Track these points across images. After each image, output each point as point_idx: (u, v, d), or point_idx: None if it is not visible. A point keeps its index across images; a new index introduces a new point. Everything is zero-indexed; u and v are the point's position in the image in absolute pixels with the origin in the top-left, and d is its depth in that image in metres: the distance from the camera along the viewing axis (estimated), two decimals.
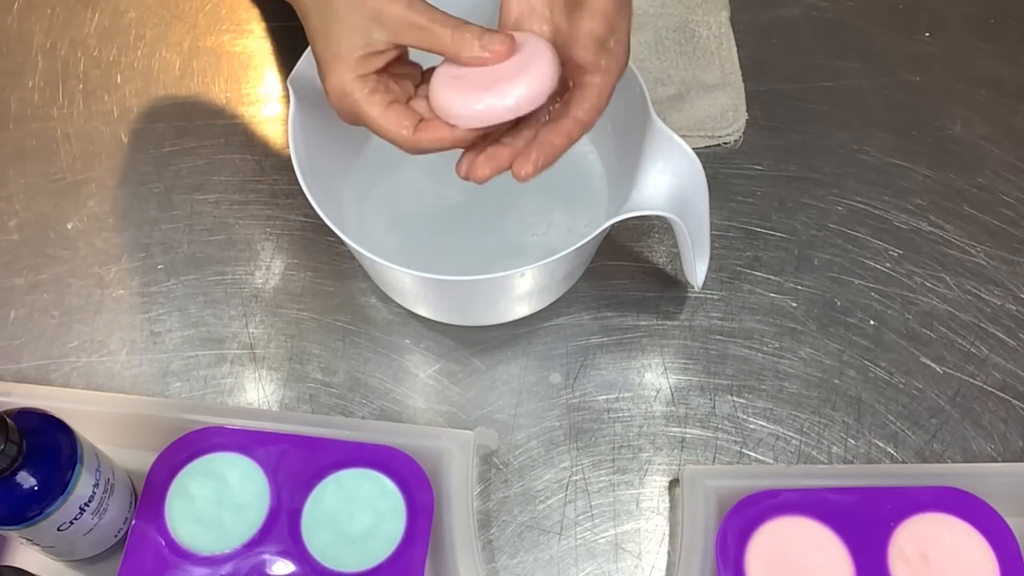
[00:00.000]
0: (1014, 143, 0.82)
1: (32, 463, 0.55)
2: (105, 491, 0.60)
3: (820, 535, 0.63)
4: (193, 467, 0.64)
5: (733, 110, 0.82)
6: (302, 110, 0.65)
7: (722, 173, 0.80)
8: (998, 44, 0.88)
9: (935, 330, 0.74)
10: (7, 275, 0.76)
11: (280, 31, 0.87)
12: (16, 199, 0.79)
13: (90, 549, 0.63)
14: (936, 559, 0.62)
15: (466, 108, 0.56)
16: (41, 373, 0.72)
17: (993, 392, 0.72)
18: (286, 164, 0.78)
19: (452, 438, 0.67)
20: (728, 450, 0.70)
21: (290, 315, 0.74)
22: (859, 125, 0.83)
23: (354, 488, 0.64)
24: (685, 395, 0.72)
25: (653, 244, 0.77)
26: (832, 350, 0.73)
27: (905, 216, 0.79)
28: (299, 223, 0.78)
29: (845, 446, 0.70)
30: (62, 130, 0.82)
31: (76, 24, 0.87)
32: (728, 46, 0.86)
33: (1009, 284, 0.76)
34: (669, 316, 0.74)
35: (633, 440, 0.70)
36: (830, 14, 0.90)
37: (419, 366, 0.73)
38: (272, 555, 0.63)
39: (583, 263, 0.73)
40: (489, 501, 0.68)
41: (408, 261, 0.61)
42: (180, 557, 0.62)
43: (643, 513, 0.68)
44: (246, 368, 0.72)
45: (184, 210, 0.78)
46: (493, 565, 0.66)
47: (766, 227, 0.78)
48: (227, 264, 0.76)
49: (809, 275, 0.76)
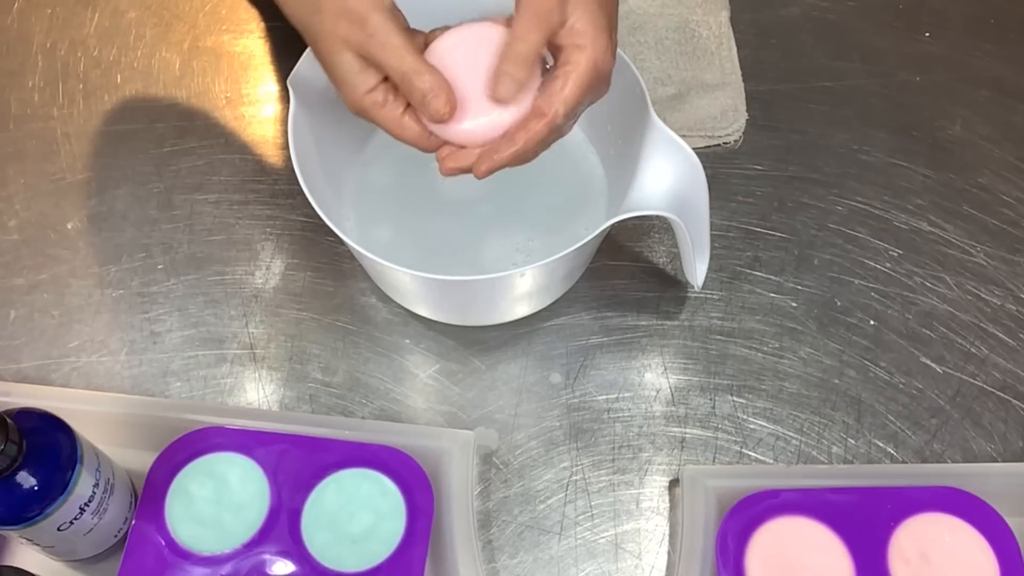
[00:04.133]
0: (1014, 143, 0.82)
1: (32, 463, 0.55)
2: (105, 491, 0.60)
3: (820, 535, 0.63)
4: (193, 467, 0.64)
5: (733, 110, 0.82)
6: (302, 110, 0.65)
7: (722, 173, 0.80)
8: (998, 44, 0.88)
9: (935, 330, 0.74)
10: (7, 275, 0.76)
11: (280, 31, 0.87)
12: (16, 199, 0.79)
13: (90, 549, 0.63)
14: (936, 559, 0.62)
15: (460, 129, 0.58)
16: (41, 373, 0.72)
17: (993, 392, 0.72)
18: (286, 164, 0.79)
19: (452, 438, 0.67)
20: (728, 450, 0.70)
21: (290, 315, 0.74)
22: (859, 125, 0.83)
23: (354, 488, 0.64)
24: (685, 395, 0.72)
25: (653, 244, 0.77)
26: (832, 350, 0.73)
27: (905, 216, 0.79)
28: (299, 223, 0.78)
29: (845, 446, 0.70)
30: (62, 130, 0.82)
31: (76, 24, 0.87)
32: (728, 46, 0.86)
33: (1009, 284, 0.76)
34: (669, 316, 0.74)
35: (633, 440, 0.70)
36: (830, 14, 0.90)
37: (419, 366, 0.73)
38: (272, 555, 0.63)
39: (583, 263, 0.73)
40: (489, 501, 0.68)
41: (408, 261, 0.61)
42: (180, 557, 0.62)
43: (643, 513, 0.68)
44: (246, 368, 0.72)
45: (184, 210, 0.78)
46: (493, 565, 0.66)
47: (766, 227, 0.78)
48: (227, 264, 0.76)
49: (809, 275, 0.76)
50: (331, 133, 0.70)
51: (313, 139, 0.67)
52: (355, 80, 0.57)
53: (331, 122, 0.69)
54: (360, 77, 0.57)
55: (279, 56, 0.86)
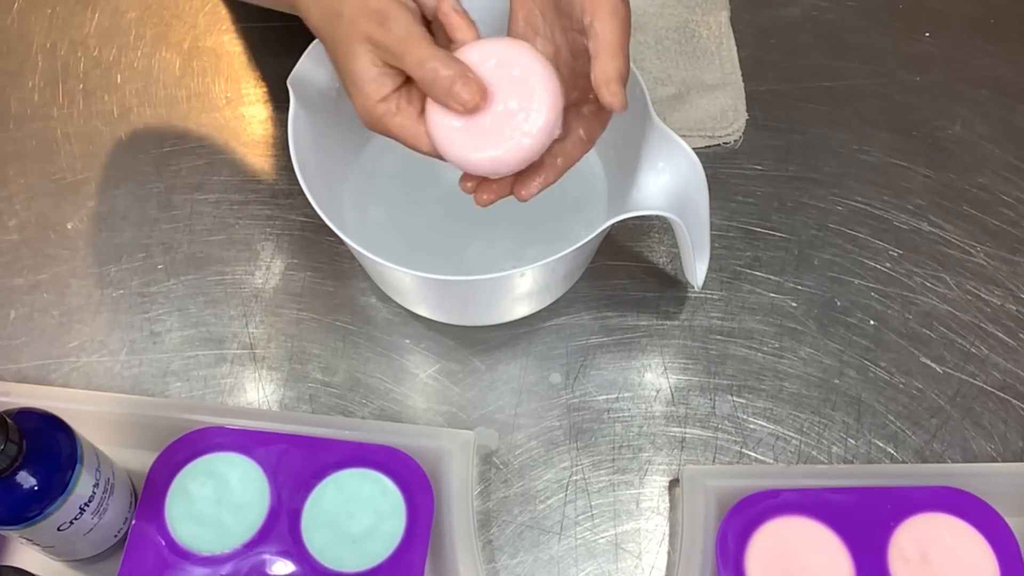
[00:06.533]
0: (1014, 143, 0.82)
1: (32, 463, 0.55)
2: (105, 491, 0.60)
3: (820, 535, 0.63)
4: (193, 467, 0.64)
5: (733, 110, 0.82)
6: (302, 110, 0.65)
7: (722, 173, 0.80)
8: (998, 44, 0.88)
9: (935, 330, 0.74)
10: (7, 275, 0.76)
11: (280, 31, 0.87)
12: (16, 199, 0.79)
13: (90, 549, 0.63)
14: (936, 559, 0.62)
15: (475, 159, 0.55)
16: (41, 373, 0.72)
17: (993, 392, 0.72)
18: (286, 164, 0.79)
19: (452, 438, 0.67)
20: (728, 450, 0.70)
21: (290, 315, 0.74)
22: (859, 125, 0.83)
23: (354, 488, 0.64)
24: (685, 395, 0.72)
25: (653, 244, 0.77)
26: (832, 350, 0.73)
27: (905, 216, 0.79)
28: (299, 223, 0.78)
29: (845, 446, 0.70)
30: (62, 130, 0.82)
31: (76, 24, 0.87)
32: (728, 46, 0.86)
33: (1009, 284, 0.76)
34: (669, 316, 0.74)
35: (633, 440, 0.70)
36: (830, 14, 0.90)
37: (419, 366, 0.73)
38: (272, 555, 0.63)
39: (583, 263, 0.73)
40: (489, 501, 0.68)
41: (408, 261, 0.61)
42: (180, 557, 0.62)
43: (643, 513, 0.68)
44: (246, 368, 0.72)
45: (184, 210, 0.78)
46: (493, 565, 0.66)
47: (766, 227, 0.78)
48: (227, 264, 0.76)
49: (809, 275, 0.76)
50: (331, 133, 0.70)
51: (313, 139, 0.66)
52: (369, 87, 0.55)
53: (331, 122, 0.69)
54: (374, 84, 0.55)
55: (279, 56, 0.86)
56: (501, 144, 0.54)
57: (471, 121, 0.54)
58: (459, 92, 0.53)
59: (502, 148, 0.54)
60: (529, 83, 0.54)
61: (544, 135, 0.54)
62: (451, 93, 0.53)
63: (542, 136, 0.54)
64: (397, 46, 0.54)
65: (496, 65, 0.55)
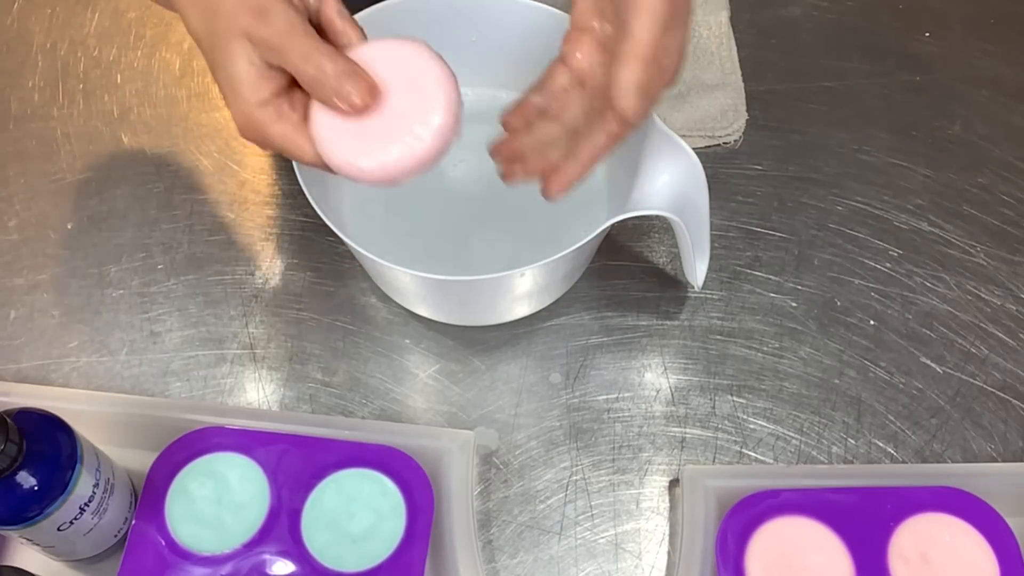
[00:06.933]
0: (1014, 143, 0.82)
1: (32, 463, 0.55)
2: (105, 491, 0.60)
3: (820, 535, 0.63)
4: (193, 467, 0.64)
5: (733, 110, 0.82)
6: None
7: (722, 173, 0.80)
8: (998, 44, 0.88)
9: (935, 330, 0.74)
10: (7, 275, 0.76)
11: None
12: (16, 199, 0.79)
13: (90, 549, 0.63)
14: (936, 559, 0.62)
15: (364, 165, 0.51)
16: (41, 373, 0.72)
17: (993, 392, 0.72)
18: (286, 164, 0.79)
19: (452, 438, 0.67)
20: (728, 450, 0.70)
21: (290, 315, 0.74)
22: (859, 125, 0.83)
23: (354, 488, 0.64)
24: (685, 395, 0.72)
25: (653, 244, 0.77)
26: (832, 350, 0.73)
27: (905, 216, 0.79)
28: (299, 223, 0.78)
29: (845, 446, 0.70)
30: (62, 130, 0.82)
31: (76, 24, 0.87)
32: (728, 46, 0.86)
33: (1009, 284, 0.76)
34: (669, 316, 0.74)
35: (633, 440, 0.70)
36: (830, 14, 0.90)
37: (419, 366, 0.73)
38: (272, 555, 0.63)
39: (583, 263, 0.73)
40: (489, 501, 0.68)
41: (408, 261, 0.61)
42: (180, 557, 0.62)
43: (643, 513, 0.68)
44: (246, 368, 0.72)
45: (184, 210, 0.78)
46: (493, 565, 0.66)
47: (766, 227, 0.78)
48: (227, 264, 0.76)
49: (809, 275, 0.76)
50: None
51: None
52: (245, 90, 0.50)
53: None
54: (251, 87, 0.50)
55: None
56: (392, 148, 0.50)
57: (360, 123, 0.50)
58: (347, 91, 0.49)
59: (394, 152, 0.50)
60: (424, 83, 0.51)
61: (440, 138, 0.51)
62: (338, 92, 0.49)
63: (438, 138, 0.50)
64: (277, 39, 0.49)
65: (388, 64, 0.51)
